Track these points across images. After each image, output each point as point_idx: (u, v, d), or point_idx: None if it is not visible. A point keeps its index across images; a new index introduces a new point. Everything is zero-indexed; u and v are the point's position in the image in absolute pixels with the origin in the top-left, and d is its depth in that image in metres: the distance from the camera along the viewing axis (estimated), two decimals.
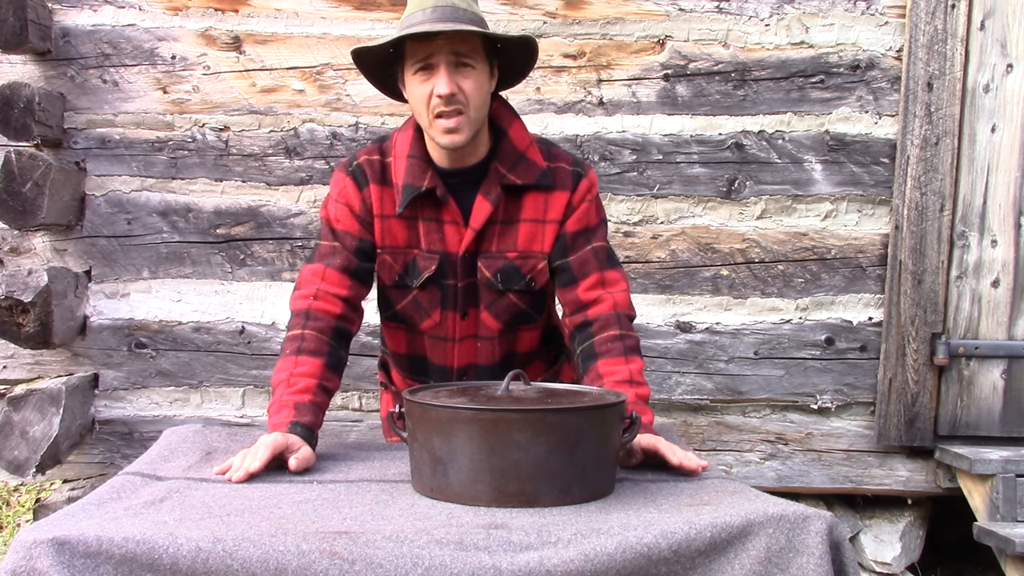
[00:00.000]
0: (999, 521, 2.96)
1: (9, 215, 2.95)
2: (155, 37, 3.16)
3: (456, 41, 1.93)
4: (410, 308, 2.13)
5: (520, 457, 1.59)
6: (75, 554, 1.37)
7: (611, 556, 1.41)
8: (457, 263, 2.08)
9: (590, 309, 2.07)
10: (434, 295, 2.10)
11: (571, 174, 2.09)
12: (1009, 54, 3.15)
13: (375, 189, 2.07)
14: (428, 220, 2.07)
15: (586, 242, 2.09)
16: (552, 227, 2.09)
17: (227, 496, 1.65)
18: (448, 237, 2.07)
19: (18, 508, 4.06)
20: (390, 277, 2.11)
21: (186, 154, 3.19)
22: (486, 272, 2.08)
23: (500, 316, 2.12)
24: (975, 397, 3.21)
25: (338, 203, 2.08)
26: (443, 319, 2.12)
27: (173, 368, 3.23)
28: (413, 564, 1.38)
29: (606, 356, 2.01)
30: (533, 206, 2.08)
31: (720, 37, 3.16)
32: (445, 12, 1.93)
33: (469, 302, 2.11)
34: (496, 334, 2.14)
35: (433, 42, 1.92)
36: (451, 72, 1.93)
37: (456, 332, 2.14)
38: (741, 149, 3.18)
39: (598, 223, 2.13)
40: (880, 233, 3.21)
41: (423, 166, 2.04)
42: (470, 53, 1.95)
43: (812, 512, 1.53)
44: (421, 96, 1.96)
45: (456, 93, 1.93)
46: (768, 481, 3.25)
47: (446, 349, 2.16)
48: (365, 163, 2.08)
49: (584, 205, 2.09)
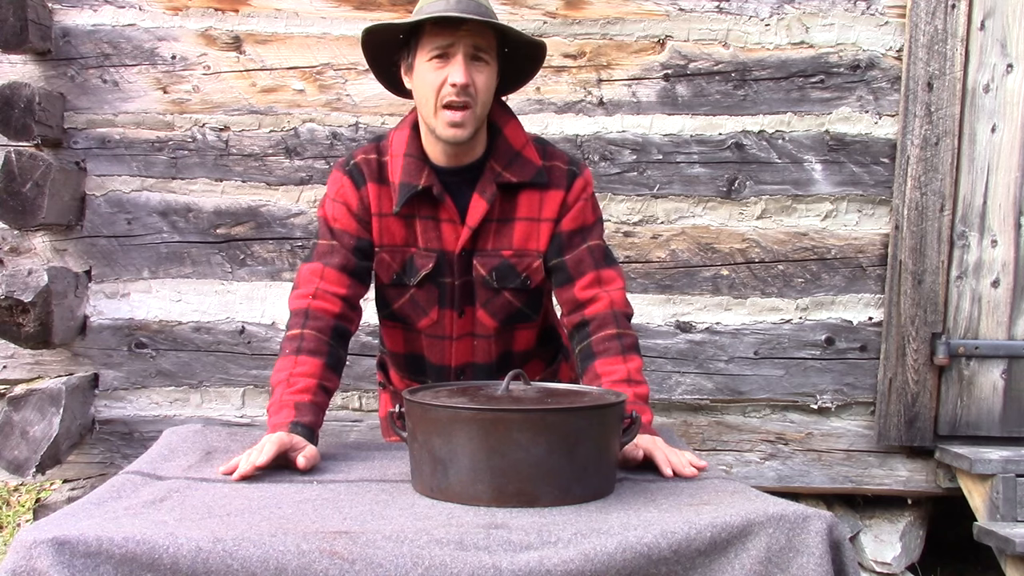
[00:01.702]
0: (999, 521, 2.96)
1: (9, 215, 2.95)
2: (155, 37, 3.16)
3: (477, 34, 1.93)
4: (407, 306, 2.13)
5: (520, 457, 1.59)
6: (75, 554, 1.37)
7: (611, 556, 1.41)
8: (454, 261, 2.07)
9: (587, 308, 2.06)
10: (431, 293, 2.10)
11: (566, 172, 2.08)
12: (1009, 54, 3.15)
13: (372, 188, 2.06)
14: (425, 218, 2.06)
15: (582, 241, 2.08)
16: (547, 225, 2.08)
17: (227, 496, 1.65)
18: (445, 235, 2.06)
19: (18, 508, 4.06)
20: (388, 275, 2.11)
21: (186, 154, 3.19)
22: (481, 270, 2.08)
23: (496, 314, 2.12)
24: (975, 397, 3.21)
25: (336, 202, 2.08)
26: (440, 317, 2.12)
27: (173, 368, 3.23)
28: (413, 564, 1.38)
29: (604, 355, 2.00)
30: (528, 204, 2.07)
31: (720, 37, 3.16)
32: (469, 4, 1.92)
33: (466, 300, 2.11)
34: (492, 332, 2.14)
35: (456, 31, 1.91)
36: (468, 63, 1.92)
37: (453, 330, 2.13)
38: (741, 149, 3.18)
39: (594, 222, 2.12)
40: (880, 233, 3.21)
41: (420, 164, 2.03)
42: (487, 48, 1.96)
43: (812, 512, 1.53)
44: (432, 83, 1.94)
45: (469, 85, 1.92)
46: (768, 481, 3.25)
47: (443, 348, 2.16)
48: (362, 162, 2.08)
49: (579, 204, 2.08)
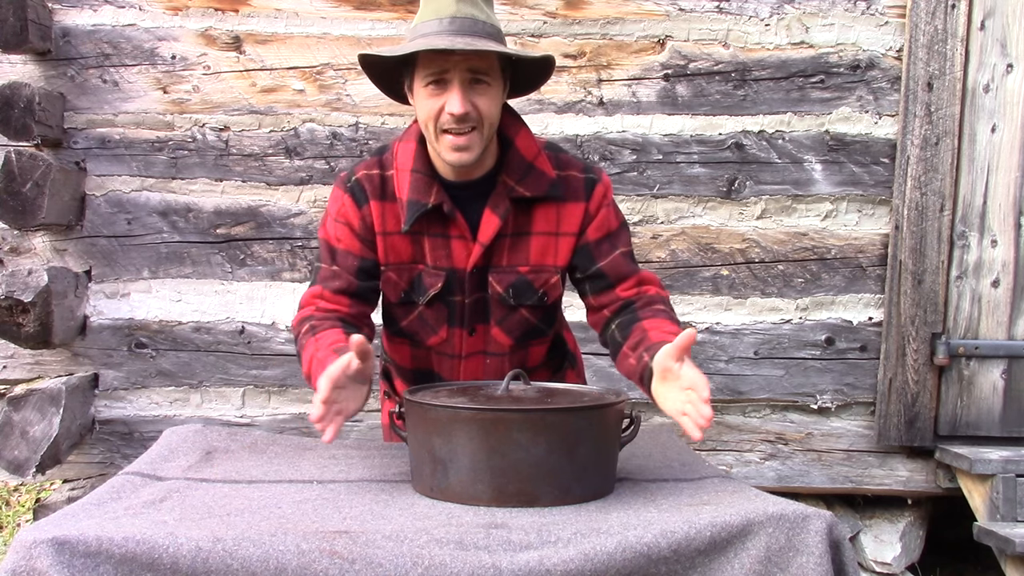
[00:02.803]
0: (999, 521, 2.96)
1: (9, 215, 2.95)
2: (155, 37, 3.16)
3: (473, 58, 1.82)
4: (416, 324, 2.05)
5: (520, 457, 1.59)
6: (75, 554, 1.37)
7: (611, 555, 1.41)
8: (464, 279, 1.99)
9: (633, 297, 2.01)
10: (440, 312, 2.02)
11: (583, 182, 2.00)
12: (1009, 54, 3.15)
13: (375, 206, 1.97)
14: (434, 236, 1.97)
15: (611, 248, 2.01)
16: (567, 240, 2.00)
17: (227, 496, 1.65)
18: (455, 253, 1.98)
19: (18, 508, 4.06)
20: (395, 295, 2.02)
21: (186, 154, 3.19)
22: (497, 287, 1.99)
23: (512, 332, 2.04)
24: (975, 397, 3.21)
25: (337, 222, 1.99)
26: (450, 336, 2.04)
27: (173, 368, 3.23)
28: (413, 564, 1.38)
29: (652, 318, 1.93)
30: (545, 218, 1.99)
31: (720, 37, 3.16)
32: (464, 24, 1.82)
33: (477, 318, 2.03)
34: (507, 350, 2.06)
35: (449, 57, 1.81)
36: (465, 90, 1.82)
37: (463, 349, 2.06)
38: (741, 149, 3.18)
39: (619, 226, 2.05)
40: (880, 233, 3.21)
41: (428, 181, 1.93)
42: (487, 70, 1.85)
43: (812, 511, 1.53)
44: (430, 111, 1.85)
45: (470, 112, 1.82)
46: (768, 481, 3.25)
47: (453, 365, 2.08)
48: (364, 178, 1.98)
49: (603, 212, 2.01)
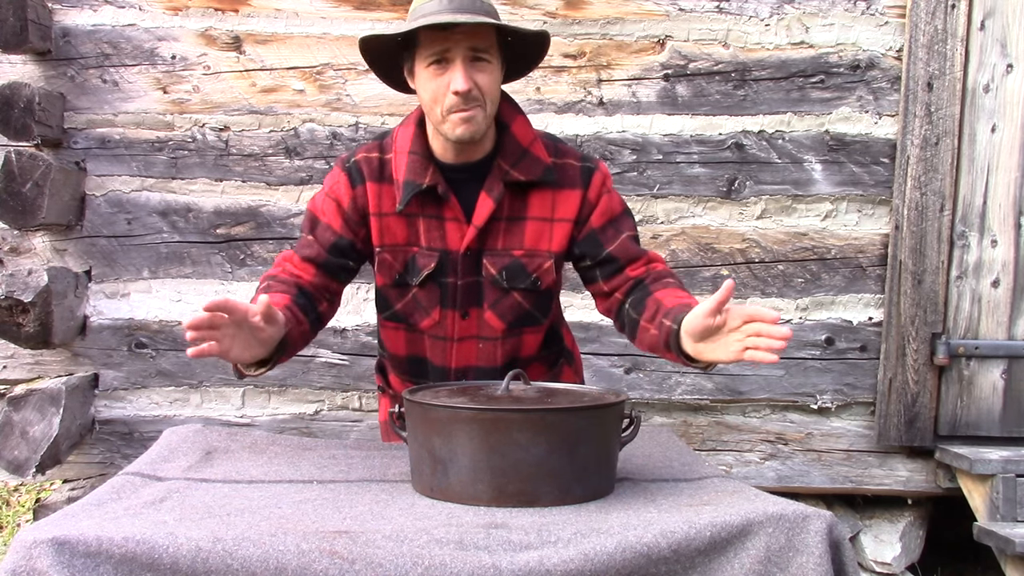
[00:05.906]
0: (999, 521, 2.96)
1: (9, 215, 2.95)
2: (155, 37, 3.16)
3: (473, 36, 1.87)
4: (410, 306, 2.09)
5: (520, 457, 1.59)
6: (75, 554, 1.36)
7: (611, 556, 1.41)
8: (458, 261, 2.04)
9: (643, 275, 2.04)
10: (433, 293, 2.06)
11: (580, 170, 2.05)
12: (1009, 54, 3.15)
13: (372, 187, 2.03)
14: (429, 217, 2.03)
15: (617, 232, 2.05)
16: (562, 226, 2.04)
17: (227, 496, 1.65)
18: (449, 234, 2.03)
19: (18, 508, 4.06)
20: (390, 276, 2.07)
21: (186, 154, 3.19)
22: (491, 269, 2.04)
23: (504, 316, 2.08)
24: (975, 397, 3.21)
25: (328, 197, 2.06)
26: (443, 318, 2.08)
27: (173, 368, 3.23)
28: (413, 564, 1.38)
29: (663, 289, 1.97)
30: (540, 204, 2.04)
31: (720, 37, 3.16)
32: (463, 3, 1.87)
33: (470, 301, 2.07)
34: (500, 335, 2.10)
35: (450, 35, 1.86)
36: (467, 67, 1.88)
37: (455, 332, 2.10)
38: (741, 149, 3.18)
39: (622, 211, 2.09)
40: (880, 233, 3.21)
41: (424, 163, 2.00)
42: (487, 48, 1.91)
43: (812, 511, 1.52)
44: (434, 91, 1.91)
45: (472, 89, 1.88)
46: (768, 481, 3.25)
47: (445, 349, 2.12)
48: (363, 160, 2.04)
49: (604, 198, 2.06)
